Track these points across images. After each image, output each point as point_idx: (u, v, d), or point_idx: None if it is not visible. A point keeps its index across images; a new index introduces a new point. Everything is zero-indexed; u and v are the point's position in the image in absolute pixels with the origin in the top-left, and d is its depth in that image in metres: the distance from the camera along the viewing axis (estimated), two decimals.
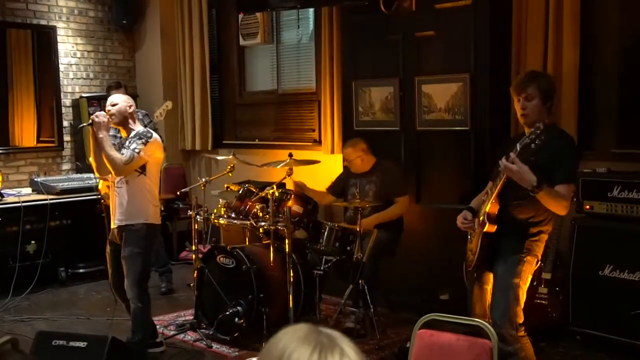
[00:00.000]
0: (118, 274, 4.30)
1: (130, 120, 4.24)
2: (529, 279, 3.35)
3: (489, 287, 3.48)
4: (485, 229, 3.34)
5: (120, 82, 6.46)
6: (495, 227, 3.33)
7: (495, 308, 3.33)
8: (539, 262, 3.43)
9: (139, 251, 4.18)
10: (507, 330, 3.25)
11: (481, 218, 3.38)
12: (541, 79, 3.40)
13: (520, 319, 3.31)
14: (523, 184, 3.15)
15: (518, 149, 3.17)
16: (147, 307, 4.31)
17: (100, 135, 4.08)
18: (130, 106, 4.25)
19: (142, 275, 4.24)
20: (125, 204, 4.18)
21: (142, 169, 4.18)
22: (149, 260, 4.33)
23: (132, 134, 4.20)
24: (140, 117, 5.91)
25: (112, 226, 4.29)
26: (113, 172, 4.15)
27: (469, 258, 3.54)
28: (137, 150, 4.09)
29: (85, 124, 4.33)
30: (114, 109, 4.19)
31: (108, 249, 4.37)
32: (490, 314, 3.39)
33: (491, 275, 3.46)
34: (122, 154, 4.10)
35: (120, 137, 4.42)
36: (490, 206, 3.32)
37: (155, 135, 4.24)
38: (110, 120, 4.17)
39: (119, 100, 4.25)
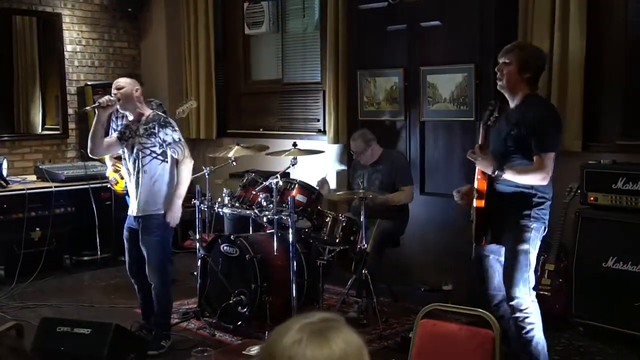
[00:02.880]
0: (135, 260, 4.32)
1: (138, 104, 4.22)
2: (538, 245, 3.47)
3: (491, 257, 3.63)
4: (475, 205, 3.49)
5: (130, 74, 6.39)
6: (483, 202, 3.46)
7: (508, 272, 3.47)
8: (547, 229, 3.51)
9: (159, 237, 4.23)
10: (519, 290, 3.41)
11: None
12: (525, 50, 3.53)
13: (532, 283, 3.46)
14: (487, 171, 3.38)
15: (480, 132, 3.44)
16: (170, 290, 4.39)
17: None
18: (137, 89, 4.21)
19: (164, 259, 4.31)
20: (146, 194, 4.19)
21: (165, 157, 4.20)
22: (169, 244, 4.40)
23: (144, 119, 4.19)
24: (155, 106, 5.88)
25: (130, 213, 4.30)
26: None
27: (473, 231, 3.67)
28: (181, 140, 4.24)
29: (90, 107, 4.34)
30: (120, 93, 4.16)
31: (126, 234, 4.38)
32: (503, 279, 3.53)
33: (492, 247, 3.60)
34: (173, 153, 4.22)
35: (126, 122, 4.35)
36: (477, 182, 3.47)
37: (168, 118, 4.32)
38: (117, 102, 4.15)
39: (126, 85, 4.19)
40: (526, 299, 3.44)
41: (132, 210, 4.27)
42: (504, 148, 3.46)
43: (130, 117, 4.25)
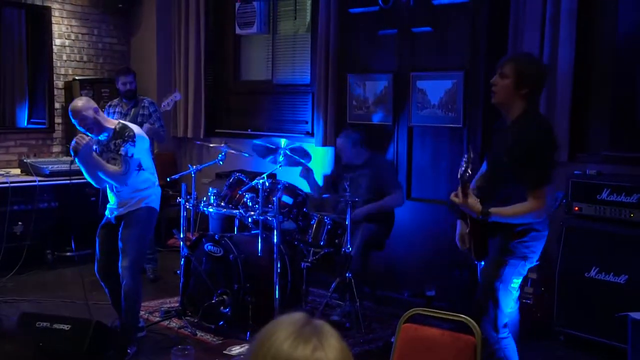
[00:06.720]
0: (107, 258, 4.26)
1: (101, 122, 4.10)
2: (515, 281, 3.16)
3: None
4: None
5: (129, 67, 6.34)
6: (468, 220, 3.22)
7: (479, 305, 3.23)
8: (531, 262, 3.19)
9: (140, 231, 4.19)
10: (486, 332, 3.13)
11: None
12: (524, 62, 3.15)
13: (503, 320, 3.17)
14: (472, 215, 3.09)
15: (459, 180, 3.08)
16: (140, 288, 4.31)
17: (92, 158, 4.01)
18: (94, 110, 4.07)
19: (141, 256, 4.30)
20: (128, 199, 4.16)
21: (139, 166, 4.14)
22: (147, 243, 4.45)
23: (112, 134, 4.10)
24: (147, 104, 5.84)
25: (110, 214, 4.25)
26: (117, 185, 4.11)
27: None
28: (129, 155, 4.02)
29: (73, 160, 4.09)
30: (85, 124, 4.04)
31: (102, 231, 4.31)
32: (475, 307, 3.29)
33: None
34: (117, 163, 4.04)
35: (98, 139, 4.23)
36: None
37: (134, 128, 4.13)
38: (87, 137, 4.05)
39: (83, 111, 4.03)
40: (494, 336, 3.15)
41: (113, 212, 4.23)
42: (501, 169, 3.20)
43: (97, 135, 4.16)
